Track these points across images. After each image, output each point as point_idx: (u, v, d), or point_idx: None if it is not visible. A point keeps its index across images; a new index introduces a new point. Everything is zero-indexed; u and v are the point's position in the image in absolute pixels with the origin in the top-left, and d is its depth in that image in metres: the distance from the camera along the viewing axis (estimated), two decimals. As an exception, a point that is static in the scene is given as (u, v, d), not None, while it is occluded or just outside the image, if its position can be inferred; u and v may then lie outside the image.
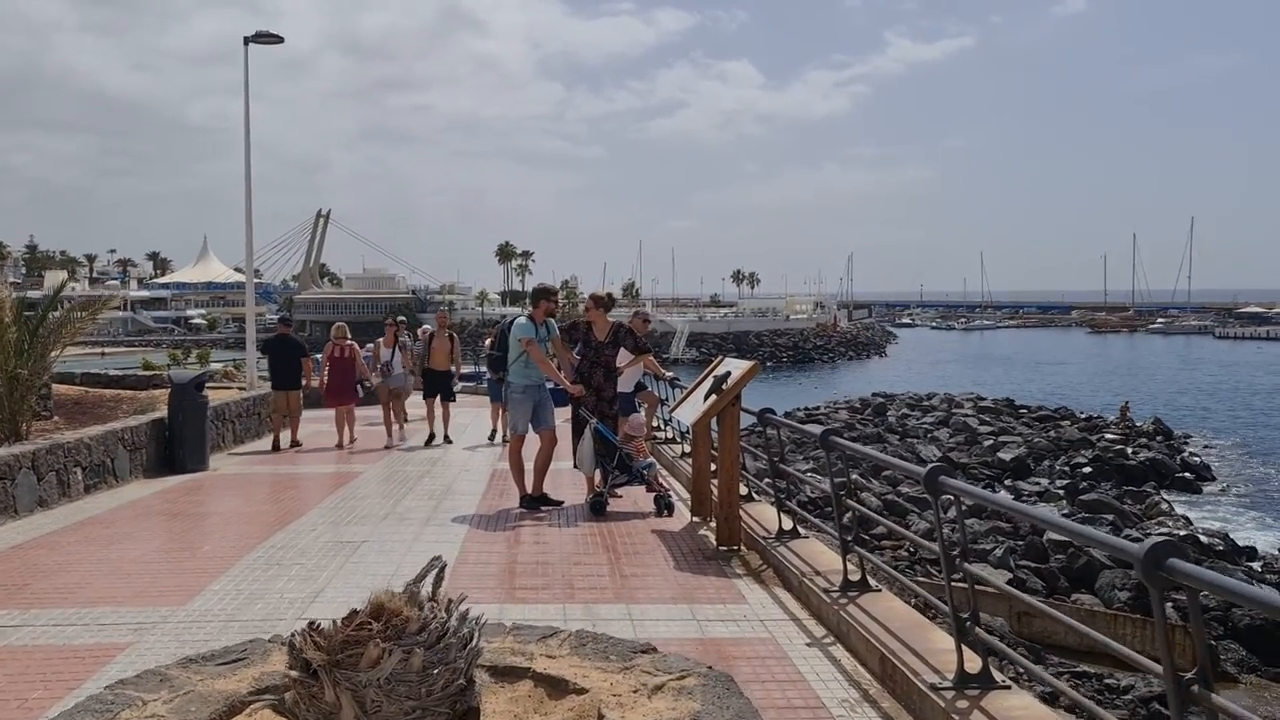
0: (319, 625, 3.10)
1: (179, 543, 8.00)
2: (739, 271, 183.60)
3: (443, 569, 3.53)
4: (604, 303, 10.24)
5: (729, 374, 8.15)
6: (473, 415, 17.77)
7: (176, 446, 11.75)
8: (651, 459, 9.90)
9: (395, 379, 15.06)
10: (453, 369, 15.10)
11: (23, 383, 9.62)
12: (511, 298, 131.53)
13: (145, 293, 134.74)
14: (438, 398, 14.88)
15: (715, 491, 8.32)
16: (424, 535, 8.32)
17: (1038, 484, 30.94)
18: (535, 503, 9.60)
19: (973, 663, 4.56)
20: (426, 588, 3.37)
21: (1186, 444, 41.89)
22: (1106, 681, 16.59)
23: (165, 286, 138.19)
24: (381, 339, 15.18)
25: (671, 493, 9.77)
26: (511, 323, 9.92)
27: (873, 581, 6.23)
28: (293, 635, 3.20)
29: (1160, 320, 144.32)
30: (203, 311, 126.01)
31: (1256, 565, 22.86)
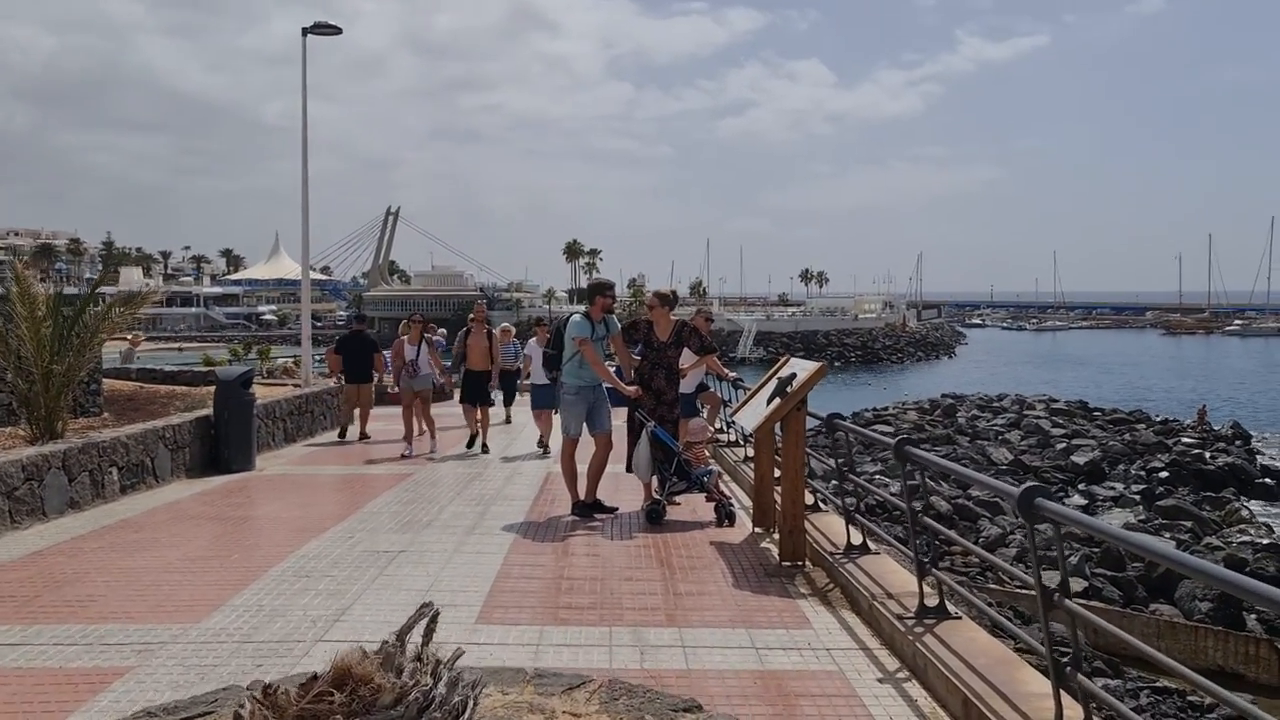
0: (275, 690, 2.54)
1: (207, 550, 7.60)
2: (807, 270, 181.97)
3: (434, 617, 2.90)
4: (668, 300, 9.71)
5: (794, 376, 7.52)
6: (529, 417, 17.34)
7: (222, 445, 11.44)
8: (713, 465, 9.29)
9: (421, 379, 13.93)
10: (492, 369, 14.05)
11: (58, 379, 9.31)
12: (578, 296, 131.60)
13: (218, 289, 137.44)
14: (476, 403, 13.85)
15: (779, 502, 7.71)
16: (466, 545, 7.82)
17: (1113, 489, 29.98)
18: (589, 510, 9.07)
19: (1073, 710, 3.92)
20: (414, 642, 2.77)
21: (1267, 449, 40.59)
22: (1190, 699, 15.78)
23: (237, 283, 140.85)
24: (405, 336, 14.03)
25: (733, 501, 9.16)
26: (568, 319, 9.29)
27: (951, 606, 5.58)
28: (238, 709, 2.61)
29: (1238, 322, 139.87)
30: (273, 308, 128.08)
31: None
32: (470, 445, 13.82)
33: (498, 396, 15.61)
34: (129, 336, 22.52)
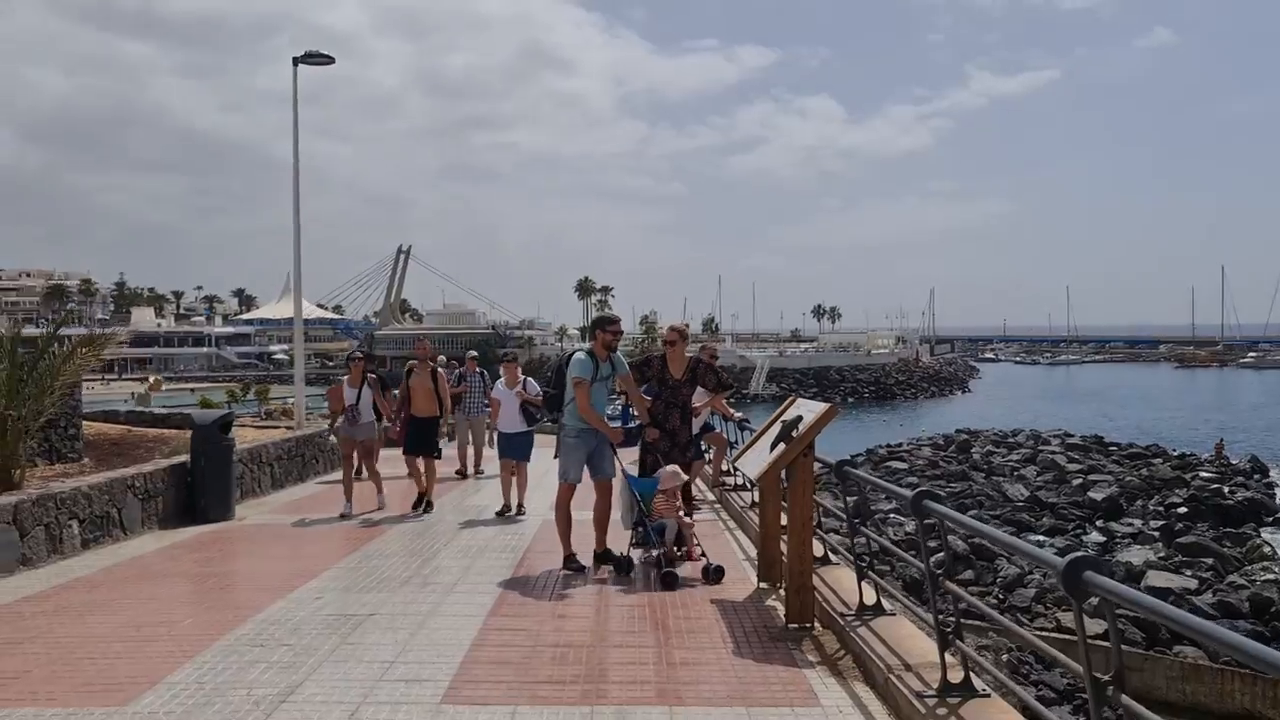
0: None
1: (160, 614, 6.96)
2: (819, 306, 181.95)
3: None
4: (685, 335, 9.18)
5: (800, 419, 6.90)
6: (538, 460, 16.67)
7: (198, 494, 10.84)
8: (675, 519, 8.35)
9: (363, 427, 11.99)
10: (440, 415, 12.39)
11: (15, 425, 8.75)
12: (590, 332, 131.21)
13: (230, 329, 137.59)
14: (421, 454, 12.04)
15: (786, 555, 7.07)
16: (444, 605, 7.18)
17: (1131, 525, 29.34)
18: (599, 561, 8.40)
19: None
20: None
21: None
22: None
23: (249, 323, 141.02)
24: (345, 377, 12.16)
25: (701, 555, 8.47)
26: (570, 357, 8.62)
27: (978, 681, 4.93)
28: None
29: (1252, 354, 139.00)
30: (285, 347, 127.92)
31: None
32: (416, 506, 11.82)
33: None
34: (150, 380, 22.13)
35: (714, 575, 7.96)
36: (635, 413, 8.78)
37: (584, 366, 8.26)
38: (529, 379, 12.19)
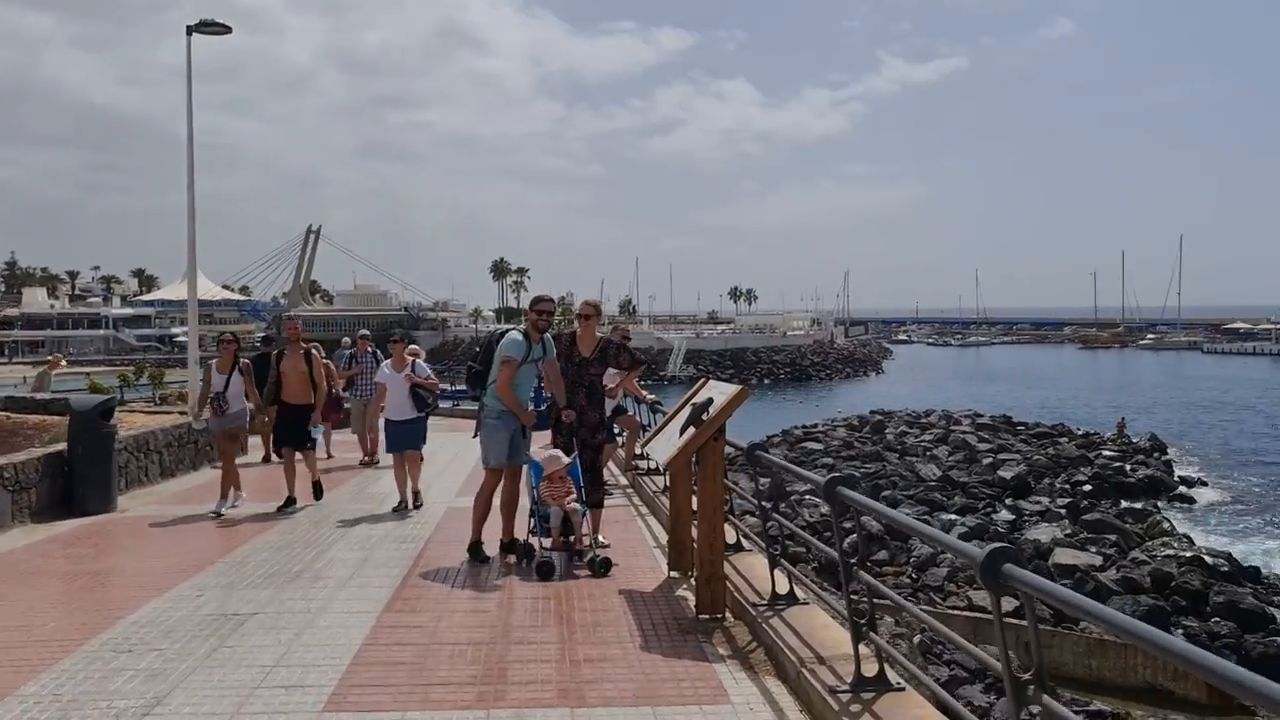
0: None
1: (18, 618, 6.39)
2: (736, 288, 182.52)
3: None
4: (598, 310, 8.84)
5: (711, 401, 6.63)
6: (446, 444, 16.16)
7: (77, 484, 10.17)
8: (567, 506, 7.89)
9: (232, 417, 10.94)
10: (314, 402, 11.07)
11: None
12: (506, 314, 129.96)
13: (129, 310, 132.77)
14: (293, 447, 10.99)
15: (696, 543, 6.81)
16: (335, 602, 6.76)
17: (1039, 503, 29.92)
18: (505, 551, 8.07)
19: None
20: None
21: (1182, 459, 41.88)
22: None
23: (150, 304, 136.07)
24: (214, 362, 10.99)
25: (592, 547, 7.86)
26: (502, 335, 8.20)
27: (893, 675, 4.73)
28: None
29: (1150, 336, 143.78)
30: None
31: (1262, 587, 22.03)
32: (286, 506, 10.58)
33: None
34: (49, 359, 20.91)
35: (600, 568, 7.58)
36: (552, 395, 8.45)
37: (517, 346, 7.90)
38: (419, 360, 11.13)
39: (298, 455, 10.93)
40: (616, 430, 12.14)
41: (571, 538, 7.90)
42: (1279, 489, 35.97)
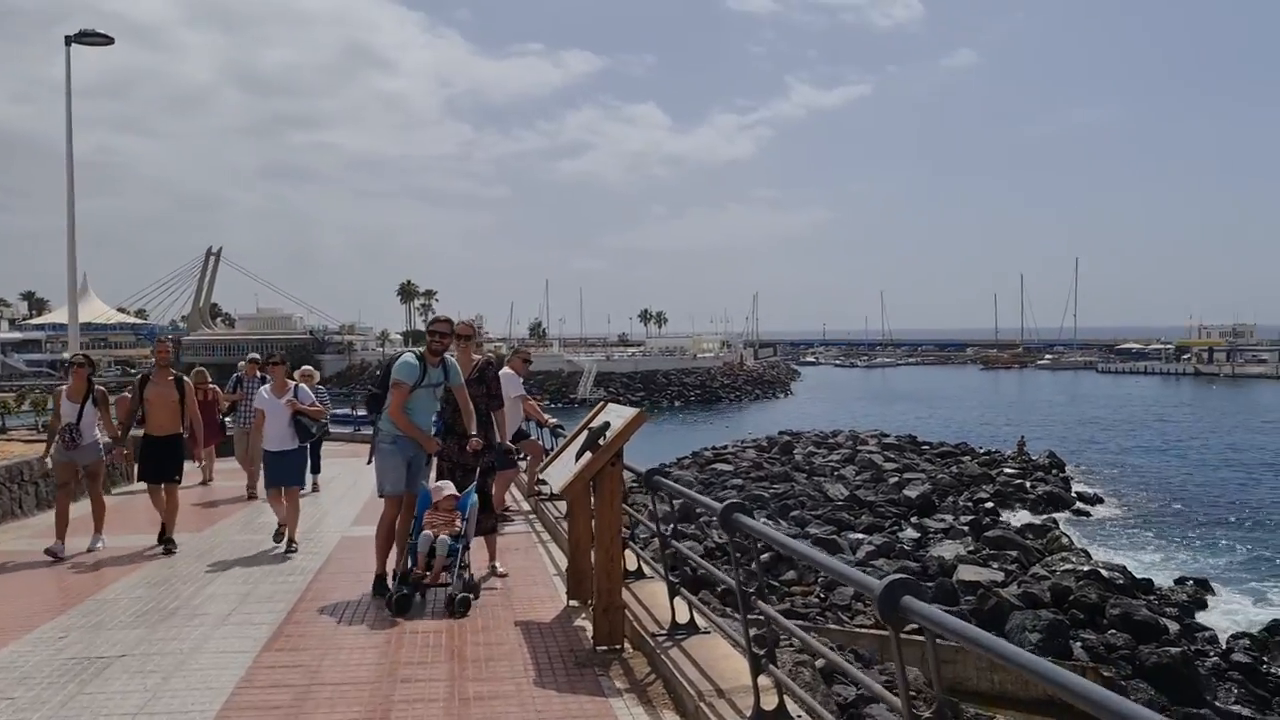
0: None
1: None
2: (646, 311, 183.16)
3: None
4: (468, 334, 8.54)
5: (608, 425, 6.45)
6: (346, 470, 15.67)
7: (-64, 519, 9.50)
8: (428, 533, 7.29)
9: (85, 450, 9.81)
10: (184, 432, 10.13)
11: None
12: (414, 338, 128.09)
13: (18, 334, 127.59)
14: (160, 481, 9.95)
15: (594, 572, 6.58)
16: (209, 642, 6.35)
17: (943, 520, 30.44)
18: (401, 582, 7.59)
19: None
20: None
21: (1079, 475, 43.07)
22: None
23: (40, 328, 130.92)
24: (64, 389, 9.92)
25: (463, 583, 7.26)
26: (397, 359, 7.86)
27: (793, 706, 4.57)
28: None
29: (1048, 357, 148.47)
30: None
31: (1154, 599, 22.91)
32: (160, 540, 9.74)
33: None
34: None
35: (459, 607, 7.01)
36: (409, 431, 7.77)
37: (409, 370, 7.59)
38: (301, 385, 10.25)
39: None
40: (520, 455, 11.87)
41: (428, 572, 7.22)
42: (1170, 503, 37.22)
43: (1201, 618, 22.16)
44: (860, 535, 27.79)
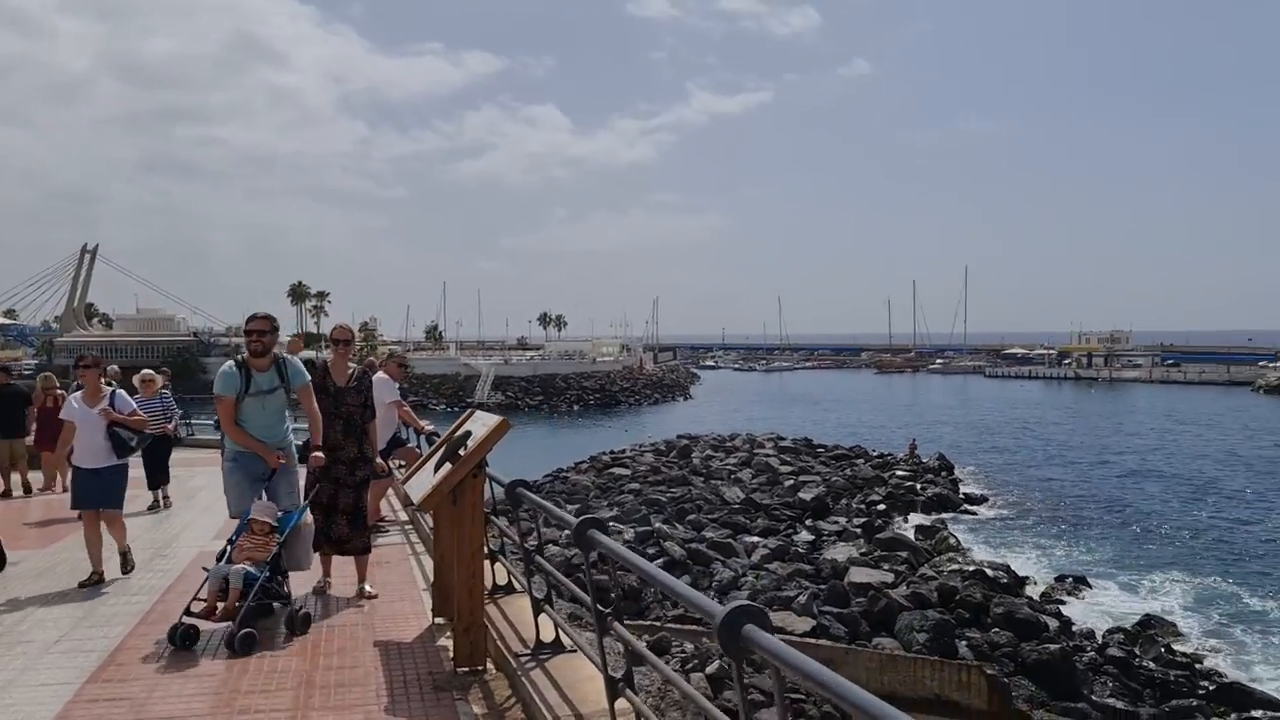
0: None
1: None
2: (546, 314, 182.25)
3: None
4: (345, 339, 8.07)
5: (469, 434, 6.11)
6: (215, 480, 14.87)
7: None
8: (240, 566, 6.57)
9: None
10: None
11: None
12: (306, 340, 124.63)
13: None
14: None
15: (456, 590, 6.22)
16: (30, 673, 5.79)
17: (837, 523, 30.76)
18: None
19: None
20: None
21: (967, 477, 44.00)
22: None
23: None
24: None
25: (301, 607, 6.80)
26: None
27: (655, 729, 4.31)
28: None
29: (939, 361, 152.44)
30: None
31: (1036, 595, 23.84)
32: None
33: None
34: None
35: (299, 625, 6.62)
36: (249, 445, 7.25)
37: (226, 381, 7.10)
38: (119, 391, 8.99)
39: None
40: (397, 464, 11.41)
41: (220, 605, 6.46)
42: (1050, 502, 38.33)
43: (1079, 613, 22.79)
44: (755, 538, 27.88)
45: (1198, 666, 19.28)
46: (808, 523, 30.87)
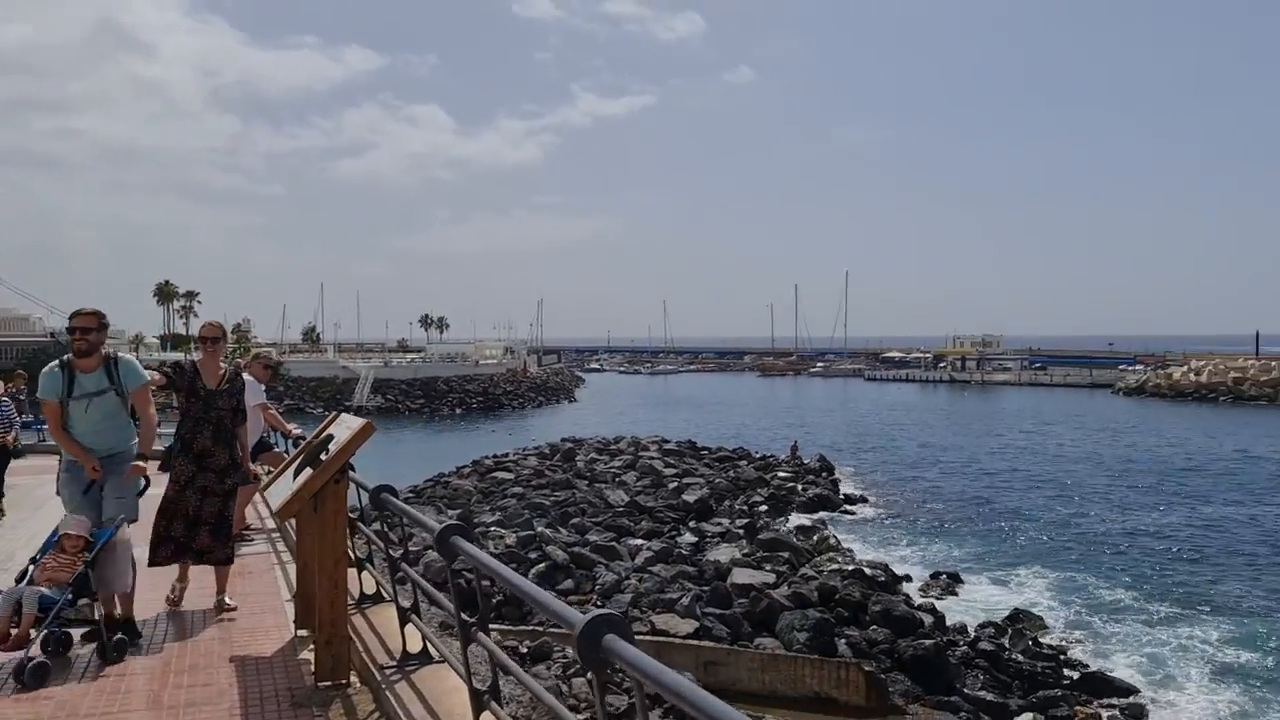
0: None
1: None
2: (428, 316, 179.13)
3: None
4: (213, 336, 7.61)
5: (331, 439, 5.84)
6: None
7: None
8: (40, 588, 6.03)
9: None
10: None
11: None
12: (173, 342, 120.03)
13: None
14: None
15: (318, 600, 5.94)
16: None
17: (720, 524, 30.93)
18: (114, 630, 6.25)
19: None
20: None
21: (846, 477, 44.88)
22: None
23: None
24: None
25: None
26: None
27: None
28: None
29: (820, 364, 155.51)
30: None
31: (912, 592, 24.44)
32: None
33: None
34: None
35: (113, 652, 6.05)
36: (71, 450, 6.77)
37: (45, 383, 6.61)
38: None
39: None
40: (264, 469, 10.94)
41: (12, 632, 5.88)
42: (926, 501, 39.42)
43: (953, 608, 23.44)
44: (639, 541, 27.86)
45: (1062, 657, 20.02)
46: (691, 524, 31.00)
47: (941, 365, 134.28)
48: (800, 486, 39.61)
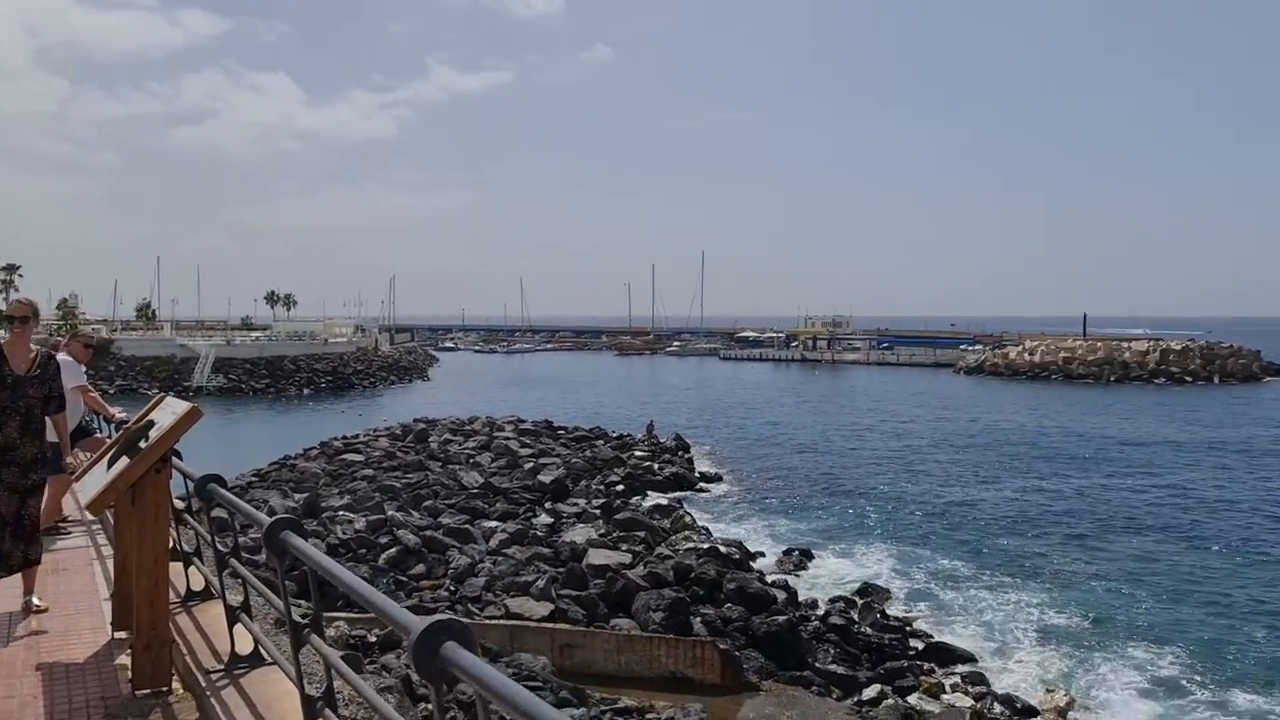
0: None
1: None
2: (273, 293, 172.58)
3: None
4: (21, 315, 6.87)
5: (152, 425, 5.35)
6: None
7: None
8: None
9: None
10: None
11: None
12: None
13: None
14: None
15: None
16: None
17: (576, 505, 30.86)
18: None
19: None
20: None
21: (701, 456, 45.46)
22: (648, 717, 15.91)
23: None
24: None
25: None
26: None
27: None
28: None
29: (676, 343, 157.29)
30: None
31: (766, 568, 24.99)
32: None
33: None
34: None
35: None
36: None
37: None
38: None
39: None
40: (85, 455, 10.15)
41: None
42: (778, 478, 40.34)
43: (805, 584, 23.98)
44: (494, 523, 27.50)
45: (908, 629, 20.72)
46: (547, 505, 30.78)
47: (794, 345, 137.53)
48: (656, 466, 39.89)
